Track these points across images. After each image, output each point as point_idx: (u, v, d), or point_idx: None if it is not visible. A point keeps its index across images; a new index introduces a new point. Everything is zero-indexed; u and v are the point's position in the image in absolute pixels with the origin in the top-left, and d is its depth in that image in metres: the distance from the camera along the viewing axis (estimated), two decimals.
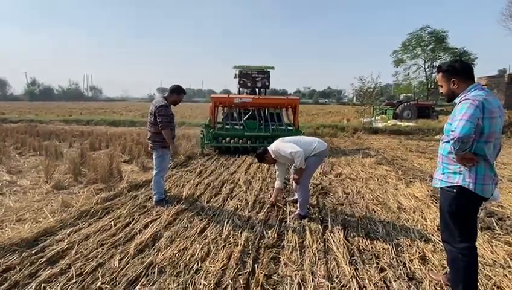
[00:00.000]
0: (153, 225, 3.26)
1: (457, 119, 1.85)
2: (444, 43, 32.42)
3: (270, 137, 7.36)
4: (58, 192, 4.37)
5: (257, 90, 9.27)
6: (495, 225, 3.31)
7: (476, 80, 2.06)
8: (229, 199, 4.24)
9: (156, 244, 2.87)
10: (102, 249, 2.75)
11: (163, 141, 3.85)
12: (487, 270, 2.47)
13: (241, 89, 9.31)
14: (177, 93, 3.99)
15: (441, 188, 2.10)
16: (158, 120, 3.76)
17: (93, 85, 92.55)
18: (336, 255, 2.71)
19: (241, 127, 7.78)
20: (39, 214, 3.53)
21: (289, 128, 7.93)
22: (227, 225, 3.28)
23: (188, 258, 2.63)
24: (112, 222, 3.33)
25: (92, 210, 3.62)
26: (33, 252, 2.64)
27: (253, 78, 8.99)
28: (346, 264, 2.54)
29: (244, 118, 8.09)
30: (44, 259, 2.54)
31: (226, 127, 7.87)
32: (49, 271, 2.38)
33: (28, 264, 2.47)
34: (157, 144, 3.88)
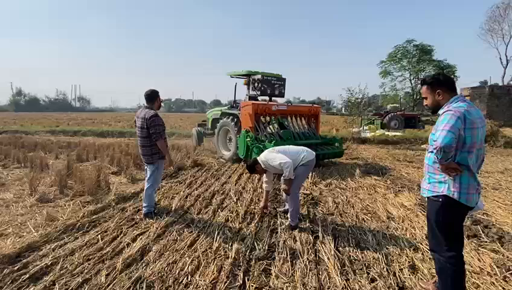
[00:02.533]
0: (141, 238, 3.20)
1: (439, 130, 1.91)
2: (429, 55, 33.54)
3: (321, 144, 7.35)
4: (43, 205, 4.24)
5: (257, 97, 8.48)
6: (481, 232, 3.38)
7: (459, 91, 2.14)
8: (219, 210, 4.20)
9: (145, 258, 2.81)
10: (89, 264, 2.68)
11: (160, 151, 3.80)
12: (475, 278, 2.51)
13: (250, 95, 8.49)
14: (156, 95, 3.86)
15: (428, 197, 2.14)
16: (151, 131, 3.67)
17: (81, 95, 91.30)
18: (327, 266, 2.71)
19: (278, 137, 7.04)
20: (22, 229, 3.41)
21: (315, 135, 7.80)
22: (218, 237, 3.25)
23: (177, 272, 2.58)
24: (99, 236, 3.25)
25: (79, 224, 3.53)
26: (15, 268, 2.55)
27: (272, 84, 8.42)
28: (337, 275, 2.54)
29: (276, 126, 7.64)
30: (27, 276, 2.45)
31: (263, 138, 6.89)
32: (32, 288, 2.30)
33: (10, 281, 2.38)
34: (156, 156, 3.78)
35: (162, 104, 4.06)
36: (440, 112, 2.06)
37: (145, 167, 4.03)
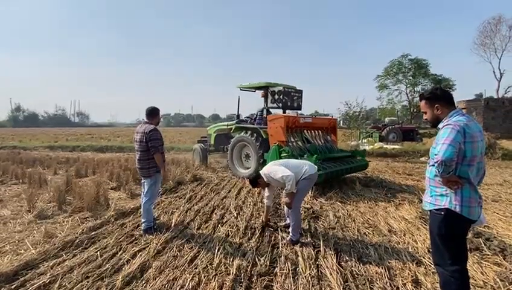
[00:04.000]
0: (141, 255, 3.16)
1: (440, 143, 1.94)
2: (424, 69, 34.09)
3: (347, 157, 7.20)
4: (41, 222, 4.20)
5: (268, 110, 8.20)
6: (483, 245, 3.36)
7: (455, 104, 2.18)
8: (219, 225, 4.16)
9: (145, 275, 2.77)
10: (88, 282, 2.63)
11: (156, 165, 3.85)
12: None
13: (268, 108, 8.14)
14: (157, 113, 4.02)
15: (430, 211, 2.14)
16: (150, 145, 3.76)
17: (80, 110, 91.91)
18: (330, 282, 2.67)
19: (307, 151, 6.65)
20: (20, 246, 3.37)
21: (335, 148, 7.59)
22: (218, 253, 3.21)
23: (177, 289, 2.54)
24: (98, 253, 3.20)
25: (77, 240, 3.48)
26: (13, 287, 2.51)
27: (292, 96, 8.13)
28: None
29: (302, 140, 7.34)
30: None
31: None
32: None
33: None
34: (152, 169, 3.85)
35: (161, 119, 4.30)
36: (440, 126, 2.09)
37: (142, 181, 4.04)
